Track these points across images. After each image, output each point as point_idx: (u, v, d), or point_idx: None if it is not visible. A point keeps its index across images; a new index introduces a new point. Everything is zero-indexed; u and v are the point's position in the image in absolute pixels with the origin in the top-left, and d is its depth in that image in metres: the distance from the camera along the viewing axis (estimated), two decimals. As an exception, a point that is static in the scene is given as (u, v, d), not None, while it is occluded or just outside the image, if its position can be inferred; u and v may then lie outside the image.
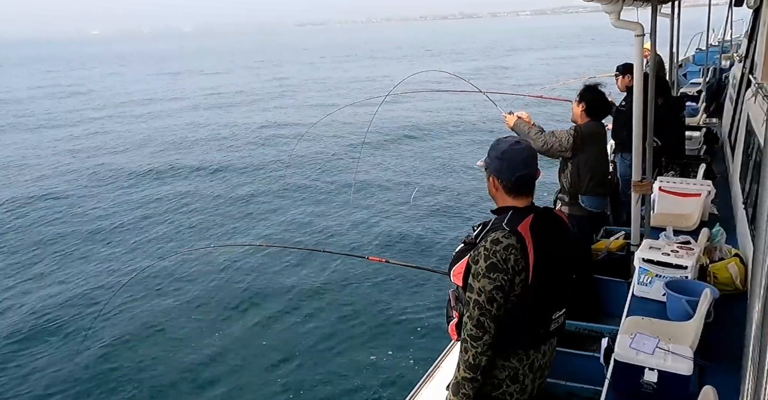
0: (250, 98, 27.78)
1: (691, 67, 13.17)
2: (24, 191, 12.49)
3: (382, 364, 5.71)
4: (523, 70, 33.96)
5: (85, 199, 11.88)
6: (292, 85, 32.69)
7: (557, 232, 2.16)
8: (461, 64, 39.54)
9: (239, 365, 5.79)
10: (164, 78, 42.37)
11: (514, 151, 2.11)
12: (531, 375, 2.20)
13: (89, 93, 33.40)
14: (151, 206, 11.20)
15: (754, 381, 0.99)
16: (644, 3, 4.41)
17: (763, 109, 3.70)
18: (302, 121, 19.44)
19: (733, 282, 3.09)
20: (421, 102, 17.38)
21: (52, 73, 51.86)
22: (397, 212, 10.13)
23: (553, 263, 2.11)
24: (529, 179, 2.13)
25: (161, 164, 14.60)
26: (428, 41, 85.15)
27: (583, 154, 4.10)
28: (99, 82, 40.66)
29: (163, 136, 18.68)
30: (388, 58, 51.27)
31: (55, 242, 9.41)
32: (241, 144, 16.84)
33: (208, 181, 12.77)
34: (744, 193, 3.90)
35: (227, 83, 35.56)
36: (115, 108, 26.22)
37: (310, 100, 25.38)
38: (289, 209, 10.52)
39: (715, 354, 2.52)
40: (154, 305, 7.02)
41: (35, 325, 6.75)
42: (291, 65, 47.68)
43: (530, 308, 2.09)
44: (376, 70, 40.31)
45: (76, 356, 5.97)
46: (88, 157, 16.16)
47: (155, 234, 9.53)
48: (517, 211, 2.09)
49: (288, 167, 13.37)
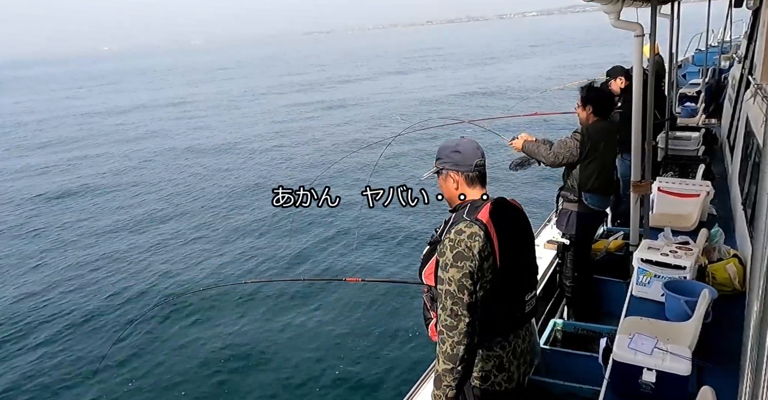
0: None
1: (691, 67, 13.19)
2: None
3: (380, 377, 5.73)
4: (523, 79, 32.49)
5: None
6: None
7: (515, 217, 2.25)
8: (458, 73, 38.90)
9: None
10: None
11: (466, 142, 2.25)
12: (516, 362, 2.25)
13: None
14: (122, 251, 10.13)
15: (752, 381, 1.00)
16: (644, 3, 4.41)
17: (762, 110, 3.70)
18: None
19: (732, 283, 3.09)
20: (423, 143, 15.12)
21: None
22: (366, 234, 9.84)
23: (517, 245, 2.19)
24: (484, 168, 2.26)
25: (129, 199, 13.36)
26: (434, 46, 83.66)
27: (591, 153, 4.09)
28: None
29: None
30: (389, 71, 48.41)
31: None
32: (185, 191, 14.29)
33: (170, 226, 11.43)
34: (743, 193, 3.91)
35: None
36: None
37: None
38: (257, 243, 9.91)
39: (713, 354, 2.52)
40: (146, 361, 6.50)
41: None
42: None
43: (503, 293, 2.14)
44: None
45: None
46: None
47: (123, 285, 8.60)
48: (474, 202, 2.19)
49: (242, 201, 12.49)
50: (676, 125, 6.71)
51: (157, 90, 45.60)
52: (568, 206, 4.20)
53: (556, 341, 3.68)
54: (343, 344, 6.43)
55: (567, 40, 70.18)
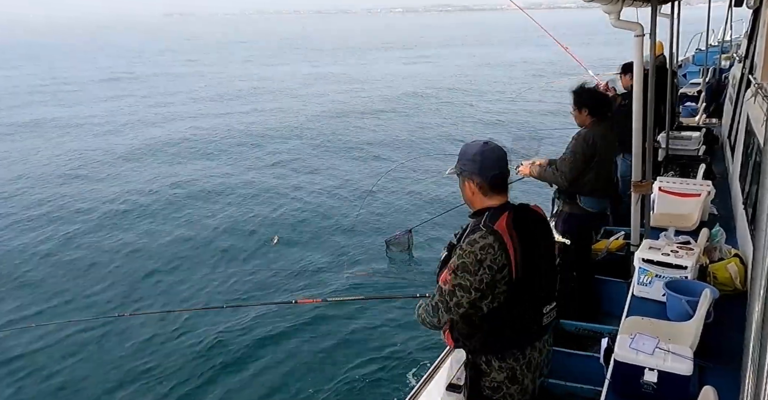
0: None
1: (691, 67, 13.18)
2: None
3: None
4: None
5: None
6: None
7: (537, 225, 2.21)
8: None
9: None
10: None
11: (487, 151, 2.18)
12: (530, 375, 2.21)
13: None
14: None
15: (754, 381, 0.99)
16: (644, 3, 4.41)
17: (762, 110, 3.70)
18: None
19: (733, 282, 3.09)
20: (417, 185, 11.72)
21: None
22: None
23: (537, 256, 2.14)
24: (504, 177, 2.20)
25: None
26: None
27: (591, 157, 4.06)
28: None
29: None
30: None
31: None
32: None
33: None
34: (744, 193, 3.91)
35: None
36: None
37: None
38: (190, 270, 8.12)
39: (714, 354, 2.52)
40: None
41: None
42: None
43: (519, 304, 2.11)
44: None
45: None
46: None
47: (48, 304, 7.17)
48: (493, 210, 2.13)
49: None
50: (677, 125, 6.71)
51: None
52: (565, 208, 4.19)
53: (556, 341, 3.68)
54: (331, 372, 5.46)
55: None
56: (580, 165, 3.97)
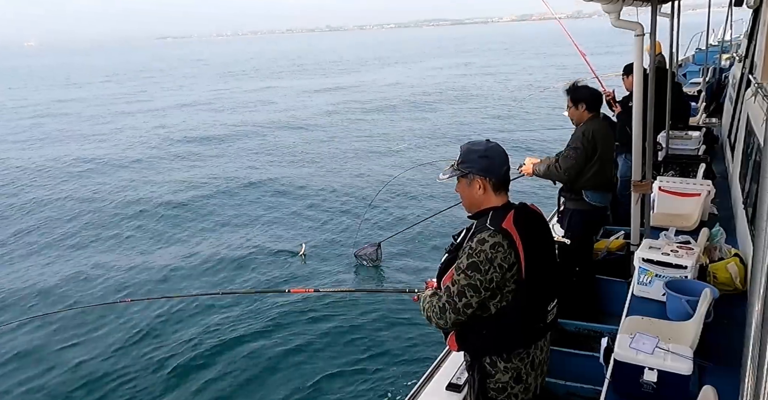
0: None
1: (691, 67, 13.18)
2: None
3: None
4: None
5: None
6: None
7: (538, 224, 2.22)
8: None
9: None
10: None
11: (493, 147, 2.18)
12: (533, 373, 2.24)
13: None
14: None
15: (753, 381, 1.00)
16: (644, 3, 4.41)
17: (762, 109, 3.70)
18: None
19: (733, 282, 3.09)
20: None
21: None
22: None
23: (541, 254, 2.15)
24: (508, 174, 2.21)
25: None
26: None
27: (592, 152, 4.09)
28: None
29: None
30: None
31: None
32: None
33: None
34: (744, 193, 3.91)
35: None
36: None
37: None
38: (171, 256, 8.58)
39: (714, 354, 2.52)
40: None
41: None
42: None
43: (527, 302, 2.12)
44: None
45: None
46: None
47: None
48: (497, 210, 2.13)
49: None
50: (677, 125, 6.70)
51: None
52: (570, 204, 4.21)
53: (556, 341, 3.68)
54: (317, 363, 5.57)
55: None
56: (582, 161, 4.02)
